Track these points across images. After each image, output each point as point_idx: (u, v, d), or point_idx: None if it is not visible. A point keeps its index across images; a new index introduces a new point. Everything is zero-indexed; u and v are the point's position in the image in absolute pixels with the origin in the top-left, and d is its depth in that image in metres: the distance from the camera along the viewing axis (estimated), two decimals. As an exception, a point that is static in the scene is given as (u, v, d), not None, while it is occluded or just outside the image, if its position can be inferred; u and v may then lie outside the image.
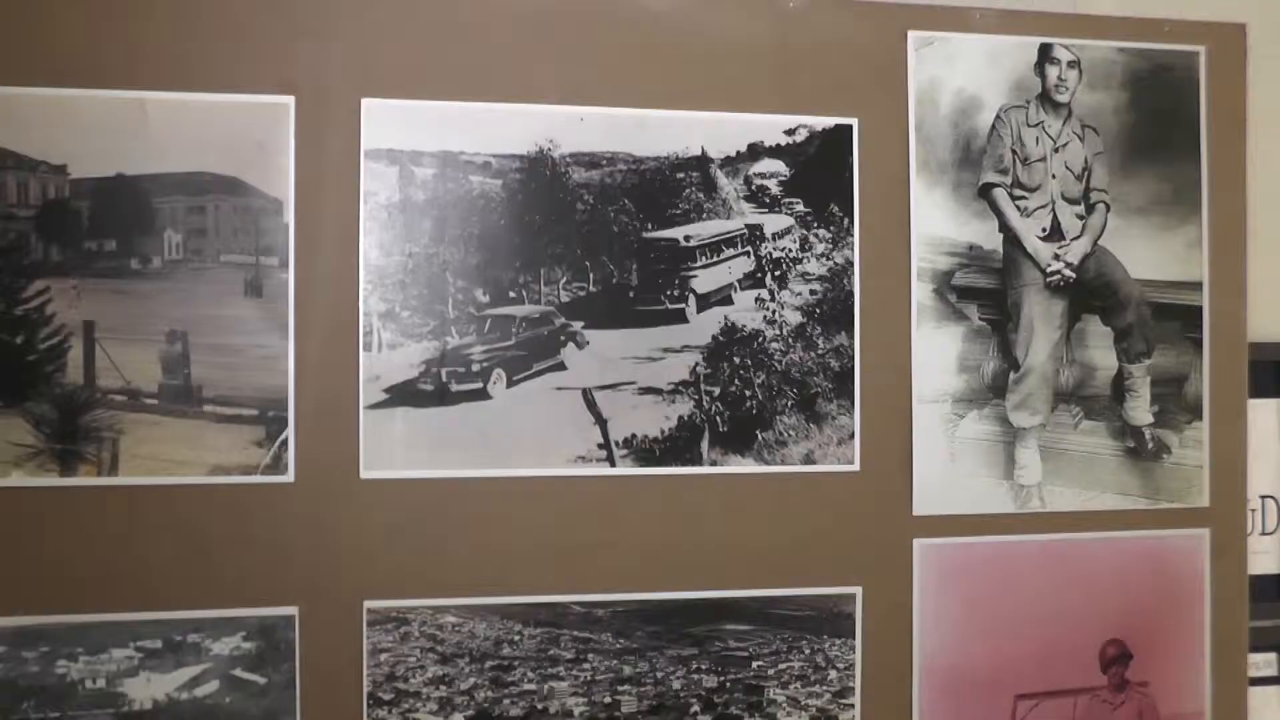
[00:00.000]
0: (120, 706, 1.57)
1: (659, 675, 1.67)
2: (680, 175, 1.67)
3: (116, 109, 1.57)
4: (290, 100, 1.59)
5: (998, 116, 1.79)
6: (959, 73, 1.77)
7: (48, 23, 1.56)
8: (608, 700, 1.66)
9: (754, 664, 1.70)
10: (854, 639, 1.73)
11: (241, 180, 1.59)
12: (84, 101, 1.57)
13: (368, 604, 1.60)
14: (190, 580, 1.58)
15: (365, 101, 1.60)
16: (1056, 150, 1.80)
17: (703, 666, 1.68)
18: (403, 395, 1.60)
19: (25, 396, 1.56)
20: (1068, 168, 1.80)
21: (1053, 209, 1.80)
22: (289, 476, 1.59)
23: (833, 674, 1.73)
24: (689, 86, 1.68)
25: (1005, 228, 1.79)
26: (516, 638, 1.64)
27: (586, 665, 1.65)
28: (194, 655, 1.58)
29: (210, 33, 1.58)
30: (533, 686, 1.64)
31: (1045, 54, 1.79)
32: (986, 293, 1.79)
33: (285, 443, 1.58)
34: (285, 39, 1.59)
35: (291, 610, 1.59)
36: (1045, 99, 1.80)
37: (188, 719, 1.58)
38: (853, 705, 1.73)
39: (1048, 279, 1.80)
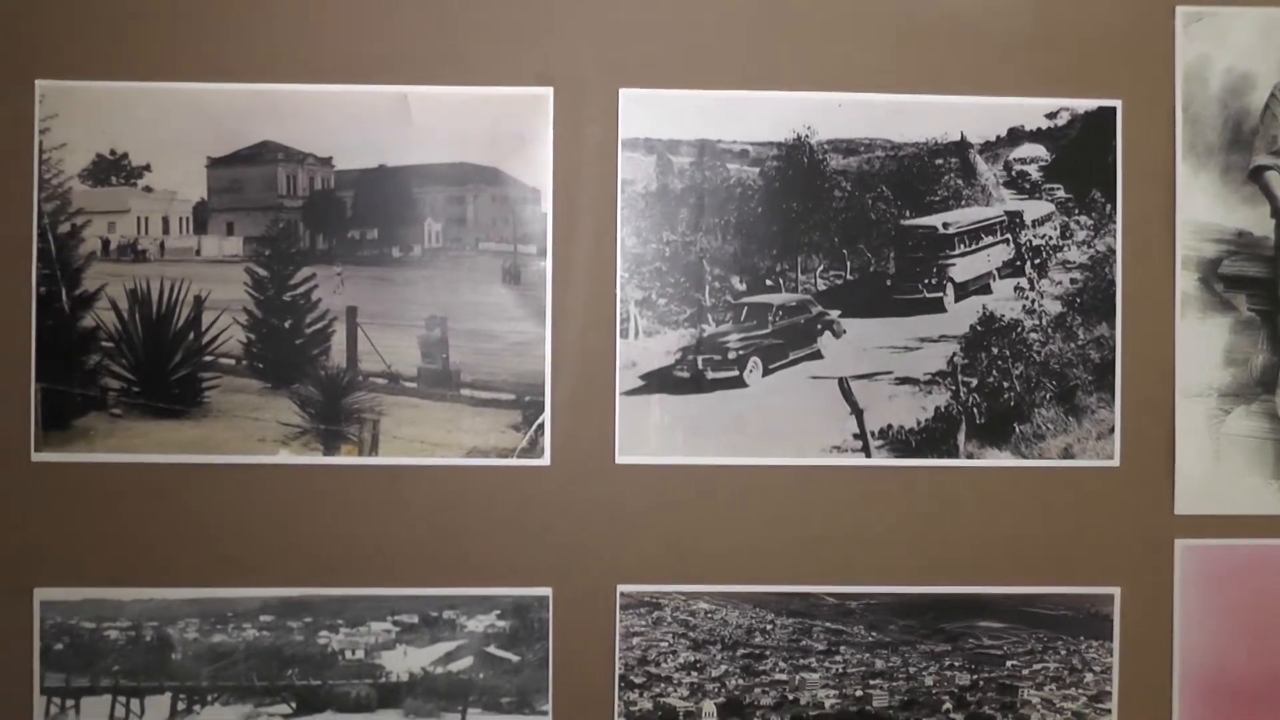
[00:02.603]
0: (378, 677, 1.62)
1: (911, 670, 1.64)
2: (939, 161, 1.63)
3: (380, 102, 1.61)
4: (549, 92, 1.61)
5: (1271, 95, 1.69)
6: (1230, 49, 1.68)
7: (314, 21, 1.61)
8: (859, 694, 1.63)
9: (1008, 663, 1.65)
10: (1112, 641, 1.66)
11: (500, 170, 1.61)
12: (349, 96, 1.61)
13: (621, 588, 1.61)
14: (446, 558, 1.62)
15: (623, 91, 1.60)
16: (1338, 130, 1.69)
17: (956, 663, 1.64)
18: (659, 382, 1.60)
19: (292, 379, 1.62)
20: (1350, 148, 1.69)
21: (1331, 193, 1.69)
22: (545, 460, 1.60)
23: (1089, 677, 1.66)
24: (947, 70, 1.63)
25: (1277, 213, 1.69)
26: (769, 627, 1.62)
27: (838, 657, 1.63)
28: (449, 631, 1.62)
29: (470, 27, 1.61)
30: (784, 677, 1.62)
31: (1328, 27, 1.68)
32: (1256, 282, 1.69)
33: (541, 427, 1.60)
34: (543, 31, 1.61)
35: (545, 591, 1.61)
36: (1326, 75, 1.69)
37: (442, 693, 1.62)
38: (1109, 710, 1.67)
39: (1327, 267, 1.69)
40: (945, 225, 1.64)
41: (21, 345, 1.61)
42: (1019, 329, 1.64)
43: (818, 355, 1.62)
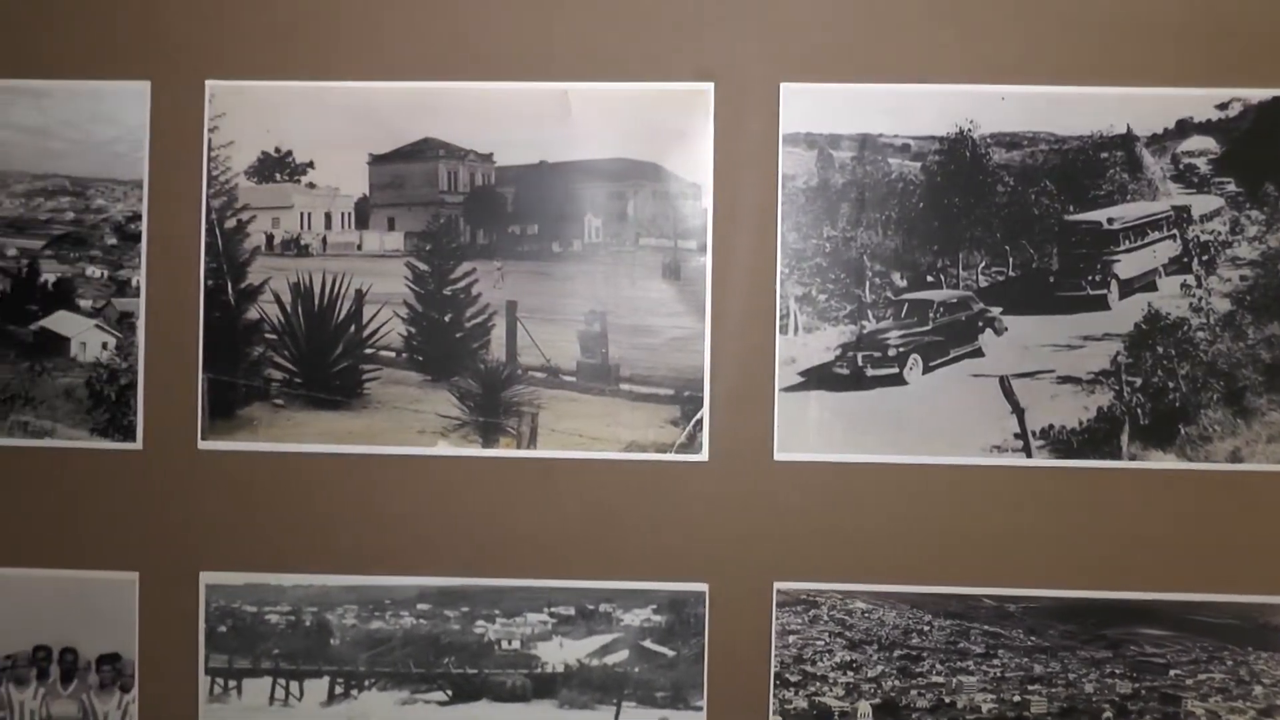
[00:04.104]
0: (533, 668, 1.63)
1: (1070, 677, 1.60)
2: (1104, 155, 1.59)
3: (541, 99, 1.63)
4: (709, 87, 1.61)
5: None
6: None
7: (476, 19, 1.63)
8: (1017, 699, 1.60)
9: (1171, 672, 1.61)
10: (1282, 652, 1.61)
11: (661, 166, 1.62)
12: (510, 93, 1.63)
13: (778, 585, 1.61)
14: (603, 552, 1.63)
15: (784, 85, 1.60)
16: None
17: (1116, 671, 1.60)
18: (818, 378, 1.59)
19: (451, 372, 1.64)
20: None
21: None
22: (703, 455, 1.60)
23: (1258, 690, 1.61)
24: (1113, 60, 1.60)
25: None
26: (926, 628, 1.60)
27: (996, 661, 1.60)
28: (605, 624, 1.62)
29: (630, 22, 1.61)
30: (941, 679, 1.60)
31: None
32: None
33: (700, 422, 1.60)
34: (704, 26, 1.61)
35: (702, 586, 1.61)
36: None
37: (597, 685, 1.63)
38: (1279, 723, 1.61)
39: None
40: (1110, 221, 1.60)
41: (190, 336, 1.66)
42: (1185, 327, 1.60)
43: (979, 353, 1.60)
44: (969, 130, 1.58)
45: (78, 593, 1.67)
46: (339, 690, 1.64)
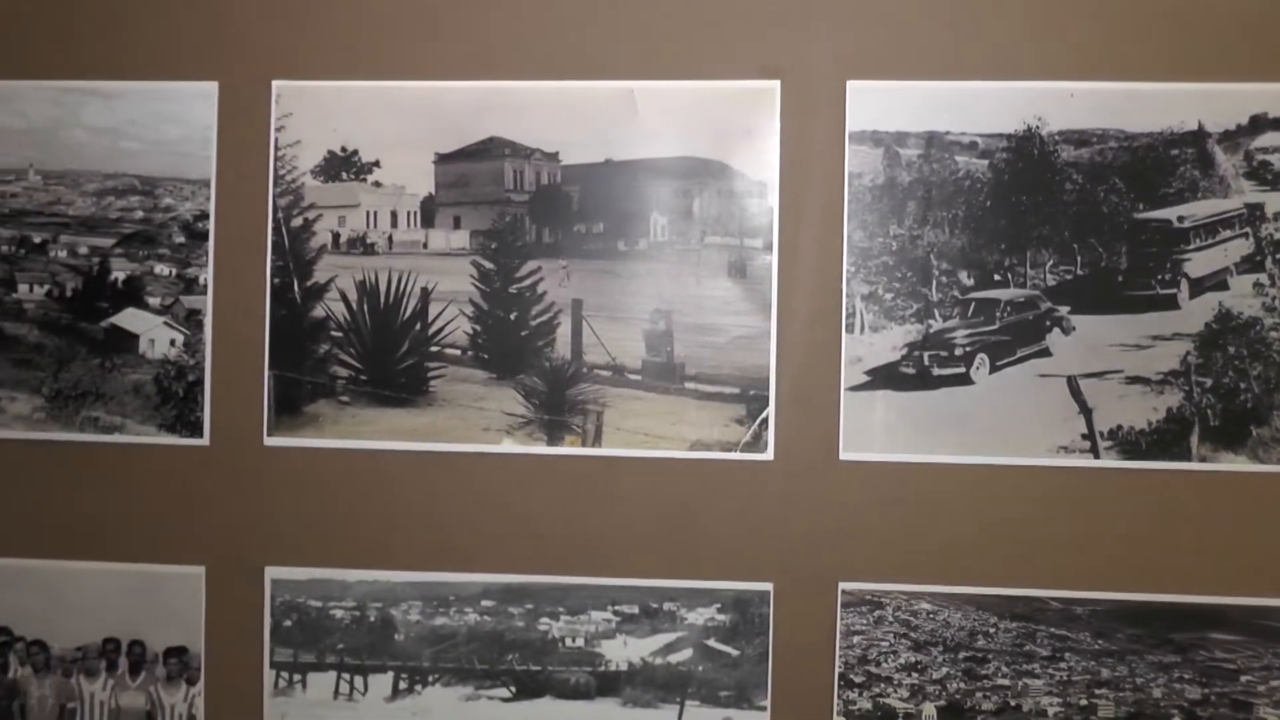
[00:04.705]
0: (597, 665, 1.63)
1: (1138, 681, 1.59)
2: (1174, 152, 1.57)
3: (606, 98, 1.63)
4: (776, 85, 1.61)
5: None
6: None
7: (540, 18, 1.64)
8: (1083, 703, 1.59)
9: (1242, 678, 1.59)
10: (1355, 658, 1.59)
11: (727, 164, 1.62)
12: (576, 92, 1.63)
13: (843, 585, 1.60)
14: (667, 550, 1.63)
15: (850, 83, 1.59)
16: None
17: (1185, 676, 1.58)
18: (884, 378, 1.59)
19: (517, 370, 1.65)
20: None
21: None
22: (768, 455, 1.60)
23: (1331, 694, 1.58)
24: (1184, 55, 1.58)
25: None
26: (991, 630, 1.59)
27: (1063, 664, 1.59)
28: (669, 623, 1.62)
29: (696, 20, 1.62)
30: (1006, 682, 1.59)
31: None
32: None
33: (765, 421, 1.60)
34: (770, 24, 1.61)
35: (766, 586, 1.61)
36: None
37: (661, 684, 1.63)
38: (1352, 730, 1.59)
39: None
40: (1180, 219, 1.58)
41: (256, 334, 1.68)
42: (1258, 327, 1.58)
43: (1046, 352, 1.58)
44: (1037, 127, 1.57)
45: (146, 586, 1.69)
46: (403, 685, 1.65)
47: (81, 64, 1.69)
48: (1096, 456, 1.57)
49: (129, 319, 1.70)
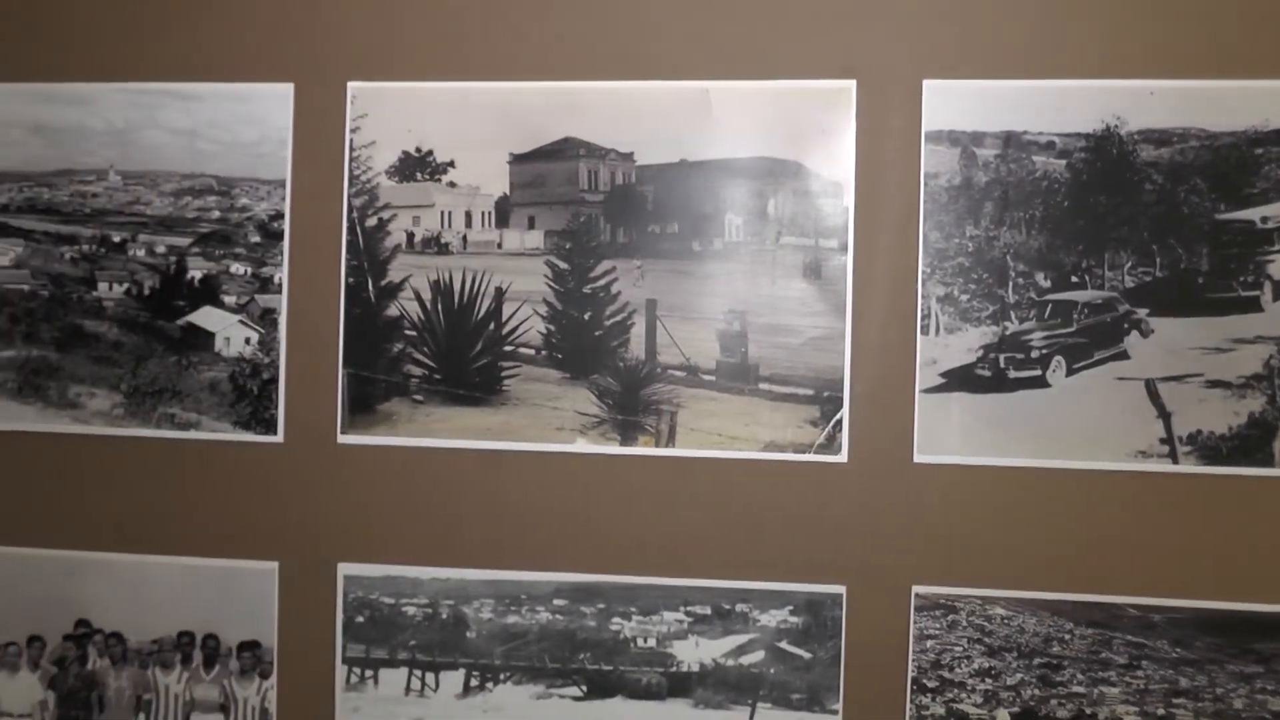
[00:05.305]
0: (669, 666, 1.63)
1: (1218, 691, 1.56)
2: (1258, 151, 1.55)
3: (681, 98, 1.63)
4: (852, 84, 1.60)
5: None
6: None
7: (615, 18, 1.64)
8: (1160, 712, 1.57)
9: (1326, 687, 1.56)
10: None
11: (802, 164, 1.61)
12: (650, 92, 1.64)
13: (916, 588, 1.59)
14: (740, 551, 1.63)
15: (927, 83, 1.59)
16: None
17: (1268, 687, 1.56)
18: (959, 380, 1.58)
19: (590, 369, 1.65)
20: None
21: None
22: (842, 457, 1.60)
23: None
24: (1268, 52, 1.55)
25: None
26: (1067, 636, 1.57)
27: (1140, 673, 1.57)
28: (742, 624, 1.62)
29: (771, 19, 1.61)
30: (1082, 689, 1.57)
31: None
32: None
33: (839, 423, 1.59)
34: (846, 23, 1.60)
35: (839, 588, 1.61)
36: None
37: (732, 685, 1.62)
38: None
39: None
40: (1264, 220, 1.56)
41: (331, 332, 1.70)
42: (1344, 332, 1.55)
43: (1124, 355, 1.57)
44: (1116, 127, 1.56)
45: (221, 581, 1.71)
46: (474, 683, 1.66)
47: (159, 66, 1.72)
48: (1175, 461, 1.55)
49: (205, 317, 1.72)
